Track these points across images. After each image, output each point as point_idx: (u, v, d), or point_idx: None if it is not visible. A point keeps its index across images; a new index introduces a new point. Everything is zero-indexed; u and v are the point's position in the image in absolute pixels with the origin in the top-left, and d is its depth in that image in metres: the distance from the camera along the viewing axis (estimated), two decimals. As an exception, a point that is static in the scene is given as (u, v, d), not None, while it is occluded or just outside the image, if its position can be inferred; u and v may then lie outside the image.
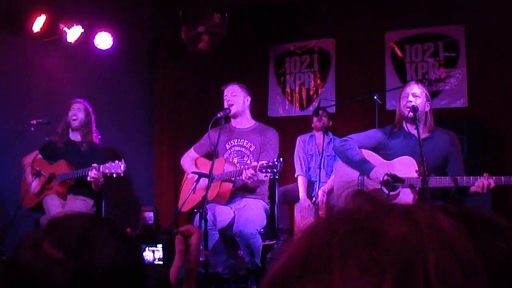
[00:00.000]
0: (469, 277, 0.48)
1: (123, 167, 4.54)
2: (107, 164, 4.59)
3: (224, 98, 4.75)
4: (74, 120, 5.15)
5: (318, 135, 5.94)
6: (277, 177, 4.20)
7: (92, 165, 4.66)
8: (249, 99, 4.79)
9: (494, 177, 3.76)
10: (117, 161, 4.56)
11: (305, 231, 0.56)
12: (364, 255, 0.49)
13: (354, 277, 0.48)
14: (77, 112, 5.16)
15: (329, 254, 0.51)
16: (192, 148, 4.97)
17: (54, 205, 4.84)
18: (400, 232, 0.51)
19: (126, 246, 1.04)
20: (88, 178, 4.68)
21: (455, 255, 0.49)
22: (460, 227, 0.51)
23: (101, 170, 4.61)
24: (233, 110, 4.66)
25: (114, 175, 4.58)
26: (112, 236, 1.04)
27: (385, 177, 4.01)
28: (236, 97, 4.70)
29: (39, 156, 5.19)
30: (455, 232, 0.51)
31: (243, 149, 4.67)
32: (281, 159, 4.02)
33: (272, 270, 0.55)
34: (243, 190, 4.57)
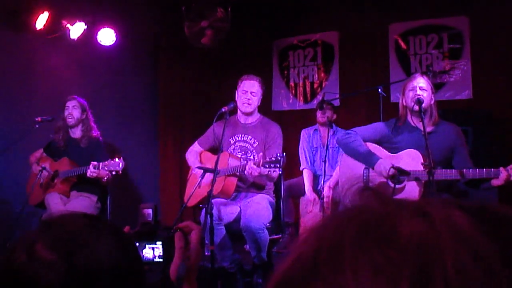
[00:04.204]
0: (489, 280, 0.45)
1: (122, 165, 4.53)
2: (106, 162, 4.59)
3: (242, 91, 4.64)
4: (70, 118, 5.15)
5: (322, 129, 5.92)
6: (280, 172, 4.19)
7: (92, 162, 4.66)
8: (261, 98, 4.74)
9: None
10: (116, 159, 4.56)
11: (311, 231, 0.54)
12: (377, 256, 0.47)
13: (368, 279, 0.47)
14: (72, 110, 5.16)
15: (340, 255, 0.49)
16: (196, 142, 4.93)
17: (55, 203, 4.86)
18: (414, 230, 0.48)
19: (121, 246, 1.03)
20: (88, 174, 4.68)
21: (474, 255, 0.46)
22: (478, 225, 0.49)
23: (100, 167, 4.62)
24: (247, 109, 4.63)
25: (113, 173, 4.58)
26: (106, 236, 1.02)
27: (391, 171, 3.97)
28: (255, 98, 4.64)
29: (44, 154, 5.20)
30: (473, 230, 0.48)
31: (247, 144, 4.65)
32: (284, 154, 4.00)
33: (278, 271, 0.53)
34: (249, 184, 4.56)
